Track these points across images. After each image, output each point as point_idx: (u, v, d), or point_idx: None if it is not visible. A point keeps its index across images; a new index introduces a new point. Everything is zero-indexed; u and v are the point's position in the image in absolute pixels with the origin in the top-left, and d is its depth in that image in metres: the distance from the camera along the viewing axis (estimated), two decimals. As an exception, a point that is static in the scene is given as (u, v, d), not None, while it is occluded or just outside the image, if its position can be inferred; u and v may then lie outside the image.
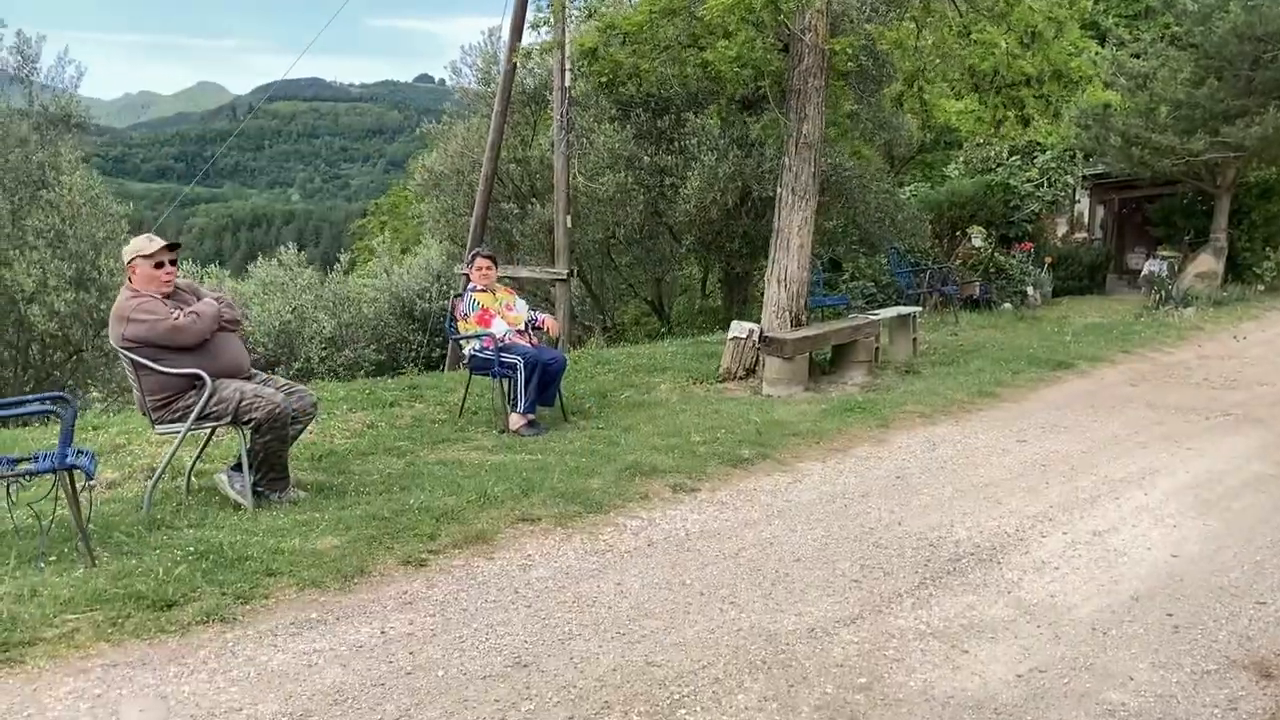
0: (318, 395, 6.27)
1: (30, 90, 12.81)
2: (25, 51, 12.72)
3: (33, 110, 12.84)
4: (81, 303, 11.54)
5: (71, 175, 11.93)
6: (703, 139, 13.65)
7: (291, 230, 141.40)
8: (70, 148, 12.63)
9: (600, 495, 5.88)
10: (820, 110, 9.07)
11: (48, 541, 4.93)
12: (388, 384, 9.29)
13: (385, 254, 20.97)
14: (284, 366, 18.10)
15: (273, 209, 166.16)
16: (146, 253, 5.70)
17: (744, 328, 9.38)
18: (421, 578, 4.72)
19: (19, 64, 12.73)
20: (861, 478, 6.52)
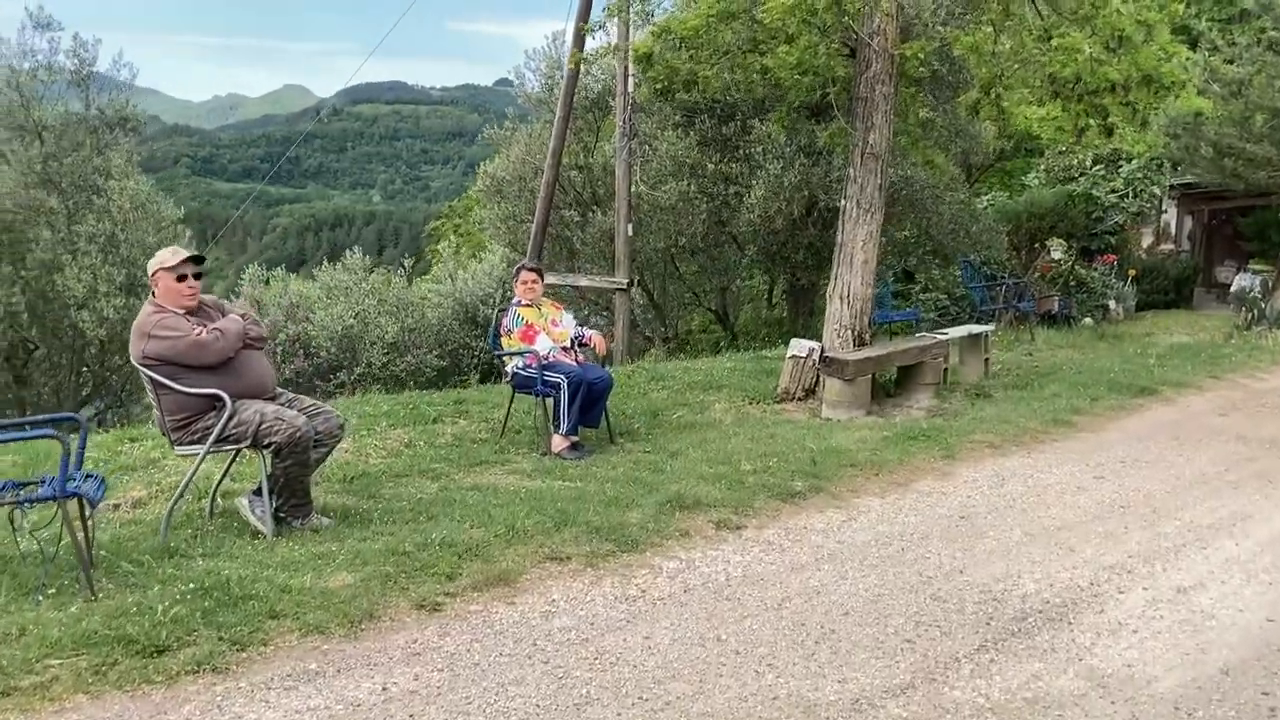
0: (344, 417, 5.98)
1: (87, 93, 12.84)
2: (82, 54, 12.77)
3: (89, 114, 12.86)
4: (132, 308, 11.47)
5: (123, 180, 11.88)
6: (768, 147, 13.21)
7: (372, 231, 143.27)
8: (124, 152, 12.59)
9: (637, 531, 5.50)
10: (888, 119, 8.59)
11: (52, 571, 4.70)
12: (433, 398, 9.02)
13: (450, 259, 20.78)
14: (346, 371, 18.02)
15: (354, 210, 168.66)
16: (168, 265, 5.47)
17: (804, 346, 8.94)
18: (434, 625, 4.39)
19: (76, 66, 12.75)
20: (922, 516, 6.05)
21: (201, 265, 5.60)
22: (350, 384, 18.36)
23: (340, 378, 18.38)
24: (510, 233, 15.90)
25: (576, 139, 15.50)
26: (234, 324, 5.55)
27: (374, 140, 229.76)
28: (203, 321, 5.54)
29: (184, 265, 5.47)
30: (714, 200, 13.84)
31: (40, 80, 12.45)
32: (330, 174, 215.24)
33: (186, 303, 5.50)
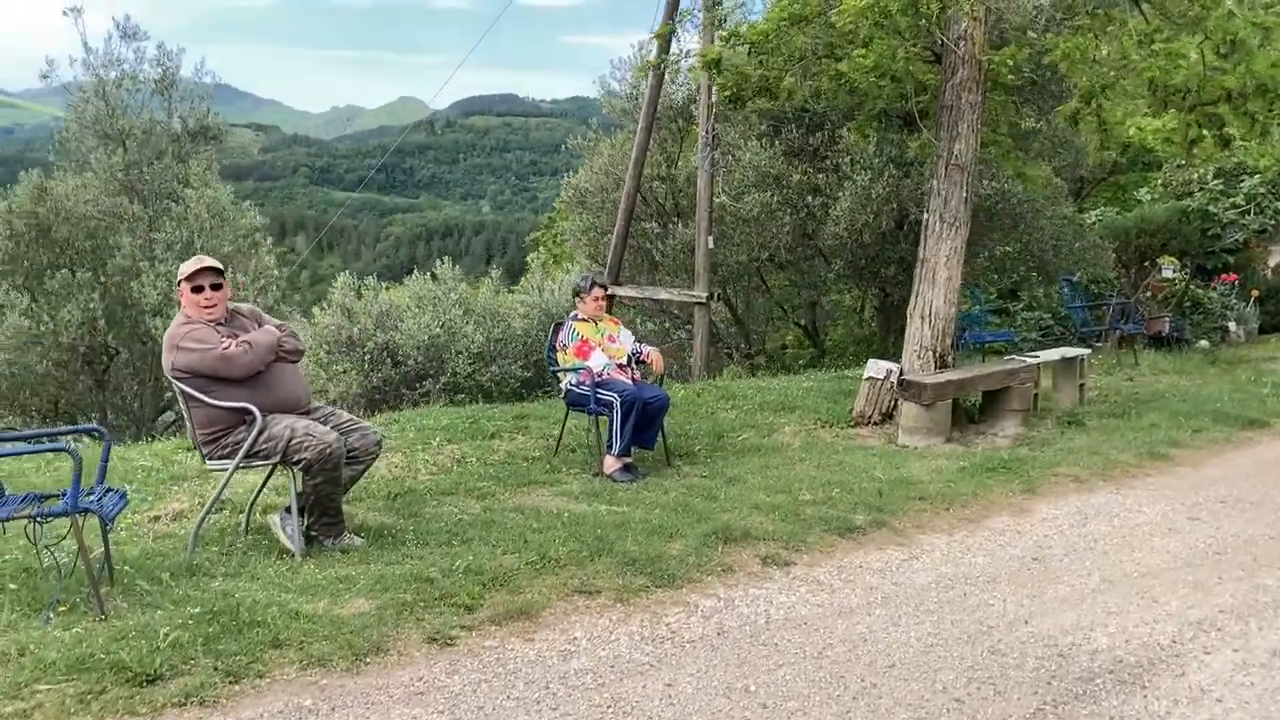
0: (381, 433, 5.78)
1: (169, 101, 13.03)
2: (166, 63, 12.98)
3: (171, 122, 13.05)
4: None
5: (201, 188, 11.99)
6: (856, 157, 12.73)
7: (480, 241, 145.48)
8: (203, 160, 12.73)
9: (676, 565, 5.16)
10: (974, 129, 8.09)
11: (69, 587, 4.58)
12: (494, 412, 8.81)
13: (539, 269, 20.73)
14: (431, 380, 18.04)
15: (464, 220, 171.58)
16: (184, 275, 5.33)
17: (881, 367, 8.48)
18: (444, 661, 4.11)
19: (160, 76, 12.95)
20: (991, 557, 5.57)
21: (221, 277, 5.43)
22: (435, 393, 18.42)
23: (426, 386, 18.43)
24: (591, 244, 15.68)
25: (660, 149, 15.22)
26: (266, 336, 5.38)
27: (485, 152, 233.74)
28: (235, 333, 5.39)
29: (200, 276, 5.33)
30: (799, 212, 13.40)
31: (125, 89, 12.68)
32: (442, 184, 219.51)
33: (205, 314, 5.35)
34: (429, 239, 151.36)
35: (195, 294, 5.34)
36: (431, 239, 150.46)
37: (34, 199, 11.51)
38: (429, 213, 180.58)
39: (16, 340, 10.56)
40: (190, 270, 5.34)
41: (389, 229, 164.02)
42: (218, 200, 11.81)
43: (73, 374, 10.98)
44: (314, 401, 5.71)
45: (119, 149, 12.28)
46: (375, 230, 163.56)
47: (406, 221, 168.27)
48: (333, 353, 18.49)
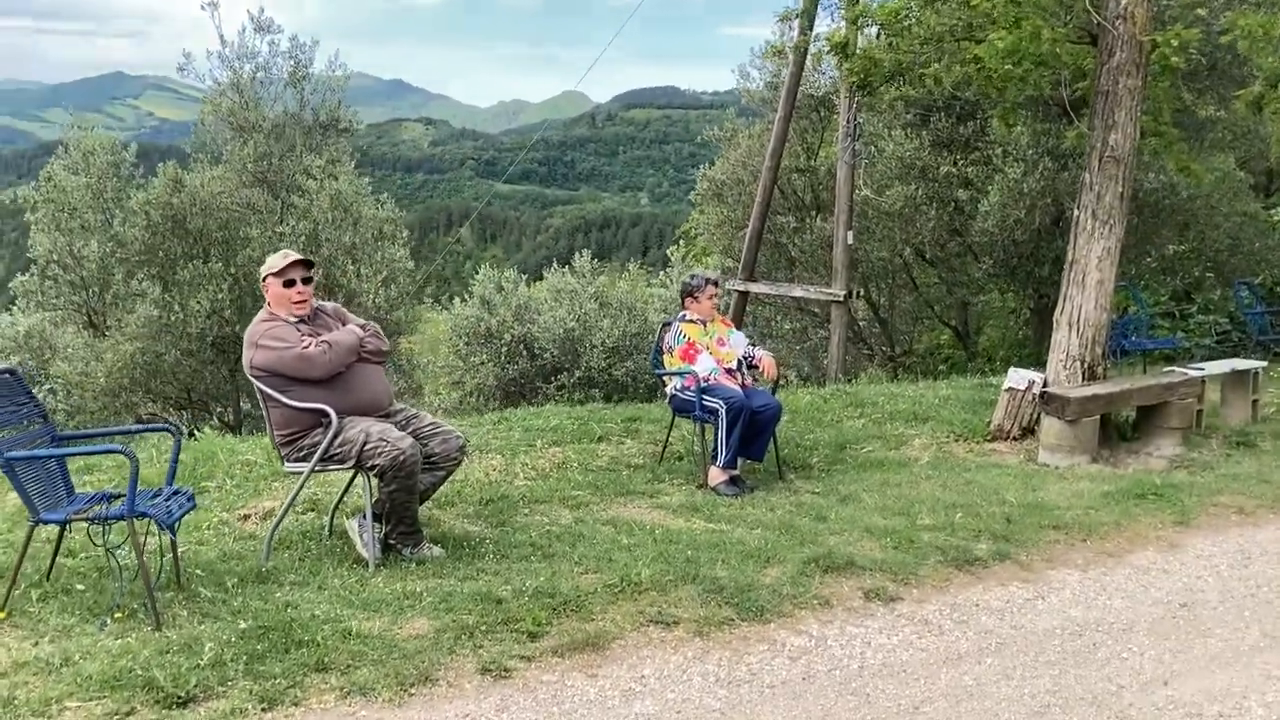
0: (465, 438, 5.50)
1: (302, 94, 13.16)
2: (299, 56, 13.10)
3: (303, 114, 13.18)
4: None
5: (322, 180, 12.03)
6: (1009, 148, 11.88)
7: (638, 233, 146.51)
8: (329, 152, 12.79)
9: (768, 596, 4.70)
10: (1133, 117, 7.31)
11: (127, 593, 4.45)
12: (605, 414, 8.47)
13: (679, 263, 20.39)
14: (567, 374, 17.94)
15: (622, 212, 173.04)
16: (275, 270, 5.15)
17: (1023, 377, 7.78)
18: (496, 695, 3.78)
19: (293, 69, 13.09)
20: (1131, 601, 4.91)
21: (311, 270, 5.25)
22: (570, 386, 18.30)
23: (561, 380, 18.34)
24: (725, 238, 15.22)
25: (799, 139, 14.63)
26: (347, 336, 5.17)
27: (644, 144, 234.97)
28: (316, 331, 5.20)
29: (291, 270, 5.15)
30: (946, 206, 12.63)
31: (259, 81, 12.89)
32: (602, 177, 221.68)
33: (296, 310, 5.17)
34: (587, 231, 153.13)
35: (286, 289, 5.16)
36: (590, 231, 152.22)
37: (169, 190, 11.80)
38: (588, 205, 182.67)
39: (148, 329, 10.82)
40: (282, 264, 5.17)
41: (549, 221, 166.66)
42: (340, 192, 11.87)
43: (202, 363, 11.21)
44: (397, 404, 5.48)
45: (250, 141, 12.49)
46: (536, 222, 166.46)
47: (566, 214, 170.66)
48: (471, 344, 18.62)
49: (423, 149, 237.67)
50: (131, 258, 11.48)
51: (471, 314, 18.28)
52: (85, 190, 11.72)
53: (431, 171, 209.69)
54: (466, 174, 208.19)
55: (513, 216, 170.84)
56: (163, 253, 11.55)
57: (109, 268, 11.46)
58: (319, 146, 12.81)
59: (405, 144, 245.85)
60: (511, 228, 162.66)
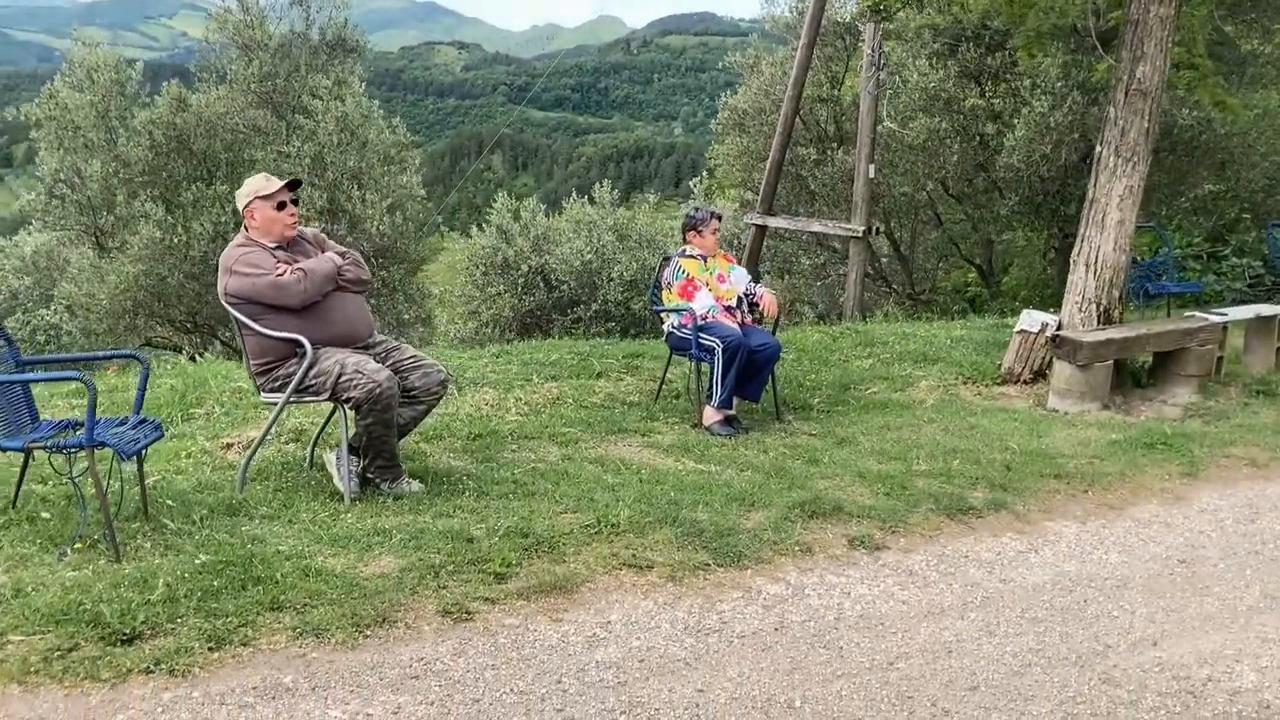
0: (448, 372, 5.35)
1: (307, 12, 12.85)
2: None
3: (309, 33, 12.88)
4: (331, 234, 11.43)
5: (328, 101, 11.78)
6: (1037, 81, 11.44)
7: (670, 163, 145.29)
8: (334, 73, 12.51)
9: (749, 541, 4.56)
10: (1163, 48, 6.94)
11: (91, 522, 4.36)
12: (607, 349, 8.30)
13: (701, 195, 20.01)
14: (584, 307, 17.75)
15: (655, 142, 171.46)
16: (265, 193, 4.98)
17: (1035, 319, 7.52)
18: (454, 639, 3.67)
19: None
20: (1128, 556, 4.73)
21: (298, 191, 5.07)
22: (587, 320, 18.12)
23: (578, 313, 18.14)
24: (744, 170, 14.86)
25: (824, 68, 14.21)
26: (324, 264, 5.00)
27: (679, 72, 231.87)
28: (294, 258, 5.04)
29: (282, 192, 4.97)
30: (971, 140, 12.22)
31: None
32: (636, 105, 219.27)
33: (288, 232, 5.02)
34: (619, 160, 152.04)
35: (279, 211, 4.99)
36: (622, 160, 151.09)
37: (173, 110, 11.60)
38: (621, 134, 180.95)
39: (151, 251, 10.68)
40: (274, 188, 4.98)
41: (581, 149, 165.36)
42: (347, 115, 11.63)
43: (205, 286, 11.10)
44: (379, 335, 5.33)
45: (255, 60, 12.23)
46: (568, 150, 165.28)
47: (599, 142, 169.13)
48: (488, 274, 18.44)
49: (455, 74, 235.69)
50: (135, 178, 11.33)
51: (489, 244, 18.09)
52: (89, 108, 11.54)
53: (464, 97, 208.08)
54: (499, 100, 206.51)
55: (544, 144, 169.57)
56: (166, 174, 11.40)
57: (112, 188, 11.31)
58: (325, 67, 12.55)
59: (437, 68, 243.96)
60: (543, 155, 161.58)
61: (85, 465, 4.22)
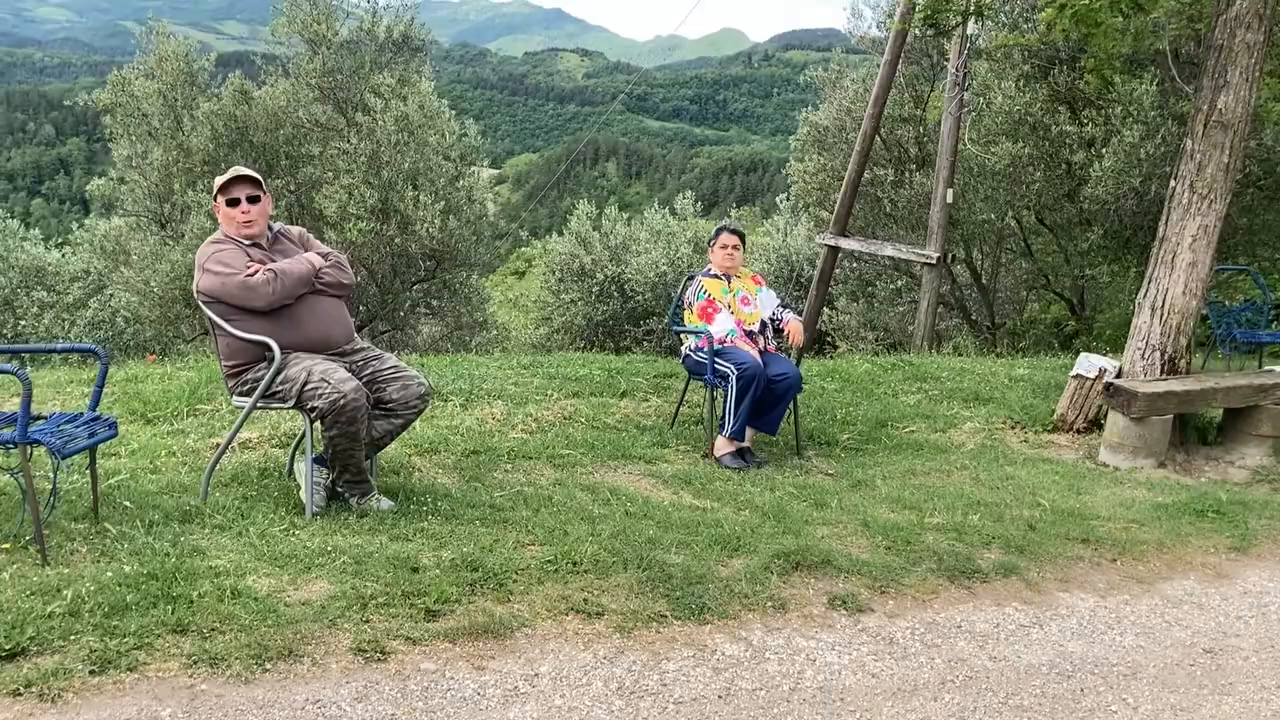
0: (429, 385, 5.08)
1: (374, 9, 12.84)
2: None
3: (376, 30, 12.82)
4: (380, 233, 11.33)
5: (389, 99, 11.69)
6: (1129, 108, 10.74)
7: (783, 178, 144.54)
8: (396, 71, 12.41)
9: (718, 591, 4.19)
10: (1249, 77, 6.34)
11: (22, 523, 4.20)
12: (640, 367, 7.98)
13: (788, 211, 19.56)
14: (657, 319, 17.45)
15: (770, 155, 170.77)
16: (218, 186, 4.80)
17: (1093, 364, 6.96)
18: (360, 681, 3.38)
19: None
20: (1146, 638, 4.22)
21: (260, 189, 4.87)
22: (660, 332, 17.80)
23: (650, 324, 17.84)
24: (820, 189, 14.38)
25: (908, 87, 13.67)
26: (298, 265, 4.79)
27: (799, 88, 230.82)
28: (272, 257, 4.85)
29: (235, 186, 4.78)
30: (1055, 167, 11.56)
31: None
32: (754, 118, 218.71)
33: (243, 230, 4.82)
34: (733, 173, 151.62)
35: (230, 208, 4.82)
36: (736, 173, 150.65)
37: (235, 101, 11.66)
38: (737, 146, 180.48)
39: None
40: (223, 181, 4.82)
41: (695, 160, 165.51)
42: (406, 114, 11.52)
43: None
44: (361, 342, 5.09)
45: (319, 55, 12.24)
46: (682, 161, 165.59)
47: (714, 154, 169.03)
48: (564, 280, 18.30)
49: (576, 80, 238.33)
50: (195, 167, 11.42)
51: (567, 250, 17.95)
52: (156, 96, 11.69)
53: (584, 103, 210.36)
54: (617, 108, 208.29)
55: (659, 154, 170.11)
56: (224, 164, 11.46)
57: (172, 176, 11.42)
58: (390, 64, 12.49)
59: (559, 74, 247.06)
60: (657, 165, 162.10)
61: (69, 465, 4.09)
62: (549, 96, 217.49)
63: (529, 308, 18.36)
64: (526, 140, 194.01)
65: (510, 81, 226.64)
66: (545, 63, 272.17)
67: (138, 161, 11.71)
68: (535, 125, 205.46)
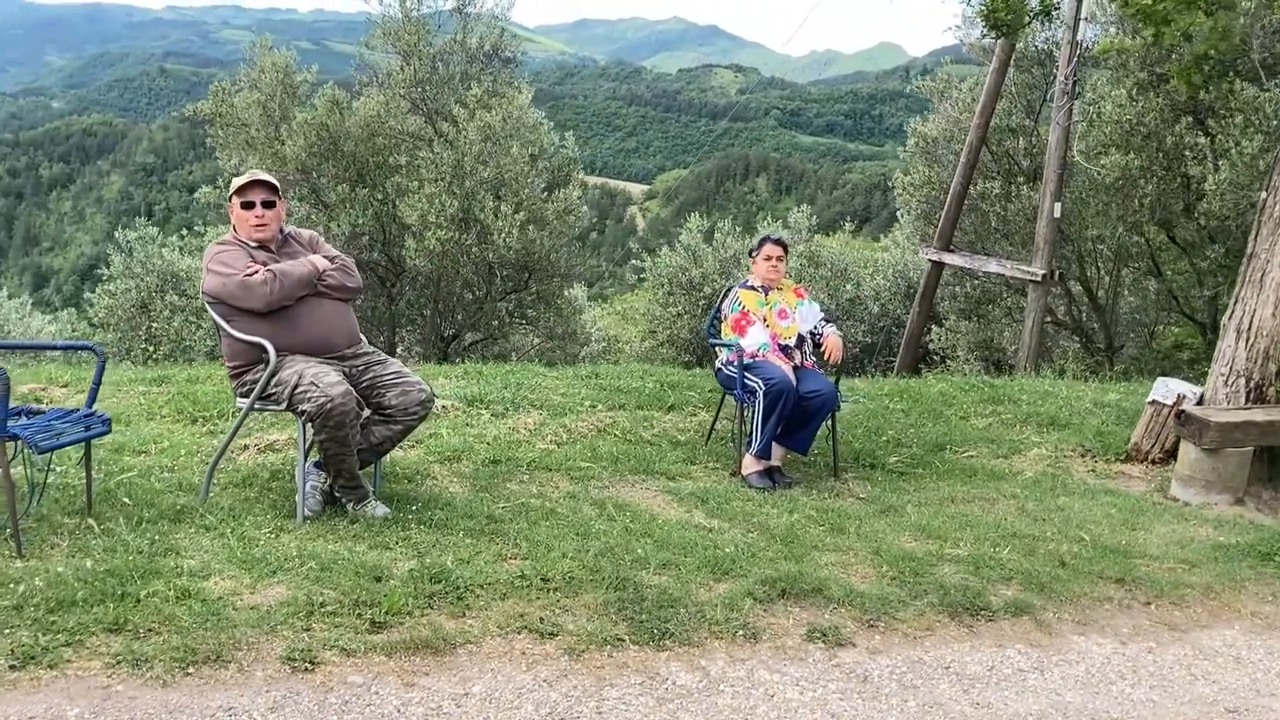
0: (430, 392, 5.01)
1: (464, 23, 12.89)
2: None
3: (467, 43, 12.92)
4: (459, 243, 11.37)
5: (474, 109, 11.74)
6: (1250, 117, 9.94)
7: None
8: (496, 84, 12.47)
9: (687, 617, 3.97)
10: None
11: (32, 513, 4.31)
12: (697, 381, 7.77)
13: (909, 223, 18.96)
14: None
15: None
16: (235, 189, 4.85)
17: (1171, 389, 6.43)
18: (282, 690, 3.31)
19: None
20: (1161, 692, 3.81)
21: (276, 194, 4.89)
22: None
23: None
24: (925, 202, 13.85)
25: (1020, 96, 13.04)
26: (299, 267, 4.79)
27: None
28: (277, 259, 4.87)
29: (251, 190, 4.81)
30: (1169, 180, 10.82)
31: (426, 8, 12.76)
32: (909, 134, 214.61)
33: (255, 234, 4.85)
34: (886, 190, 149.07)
35: (245, 210, 4.86)
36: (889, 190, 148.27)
37: (328, 111, 11.94)
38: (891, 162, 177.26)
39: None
40: (240, 184, 4.87)
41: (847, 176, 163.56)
42: (490, 125, 11.56)
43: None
44: (365, 346, 5.06)
45: (410, 66, 12.42)
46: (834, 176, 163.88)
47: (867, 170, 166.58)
48: (673, 293, 18.15)
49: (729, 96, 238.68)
50: (289, 175, 11.75)
51: (676, 263, 17.82)
52: (256, 107, 12.08)
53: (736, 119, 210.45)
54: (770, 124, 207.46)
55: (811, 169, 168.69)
56: (315, 173, 11.77)
57: (266, 184, 11.71)
58: (479, 76, 12.60)
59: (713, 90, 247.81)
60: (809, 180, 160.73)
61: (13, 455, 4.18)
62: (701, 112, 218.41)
63: (637, 320, 18.28)
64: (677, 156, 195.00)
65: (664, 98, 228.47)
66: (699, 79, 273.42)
67: (237, 170, 12.11)
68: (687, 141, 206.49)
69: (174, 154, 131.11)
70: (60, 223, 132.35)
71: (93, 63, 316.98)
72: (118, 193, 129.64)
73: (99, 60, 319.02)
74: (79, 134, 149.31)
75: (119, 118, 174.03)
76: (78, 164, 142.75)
